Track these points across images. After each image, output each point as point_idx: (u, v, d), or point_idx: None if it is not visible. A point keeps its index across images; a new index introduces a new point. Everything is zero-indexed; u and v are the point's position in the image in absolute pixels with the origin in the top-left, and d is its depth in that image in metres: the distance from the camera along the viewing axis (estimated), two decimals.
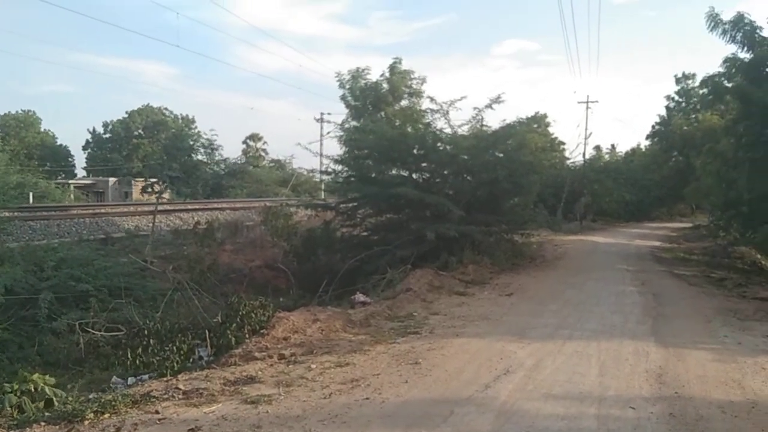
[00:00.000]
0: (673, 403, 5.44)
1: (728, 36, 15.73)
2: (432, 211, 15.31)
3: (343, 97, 31.44)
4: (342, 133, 18.71)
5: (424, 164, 16.82)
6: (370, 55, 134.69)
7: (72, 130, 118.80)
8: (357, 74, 31.07)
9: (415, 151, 16.33)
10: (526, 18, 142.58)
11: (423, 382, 5.98)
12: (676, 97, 44.83)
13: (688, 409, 5.31)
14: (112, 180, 50.26)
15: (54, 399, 5.58)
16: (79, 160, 67.70)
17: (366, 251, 15.00)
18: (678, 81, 44.68)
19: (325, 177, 22.24)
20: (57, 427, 4.78)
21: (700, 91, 38.27)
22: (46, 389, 5.61)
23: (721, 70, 17.00)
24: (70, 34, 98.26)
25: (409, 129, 16.86)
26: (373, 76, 31.33)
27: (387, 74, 31.11)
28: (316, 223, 19.16)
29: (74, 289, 11.71)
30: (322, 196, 27.71)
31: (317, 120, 30.79)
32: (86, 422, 4.80)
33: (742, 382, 6.17)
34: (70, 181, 50.23)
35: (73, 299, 11.50)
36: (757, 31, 15.44)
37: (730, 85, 17.00)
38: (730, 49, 16.01)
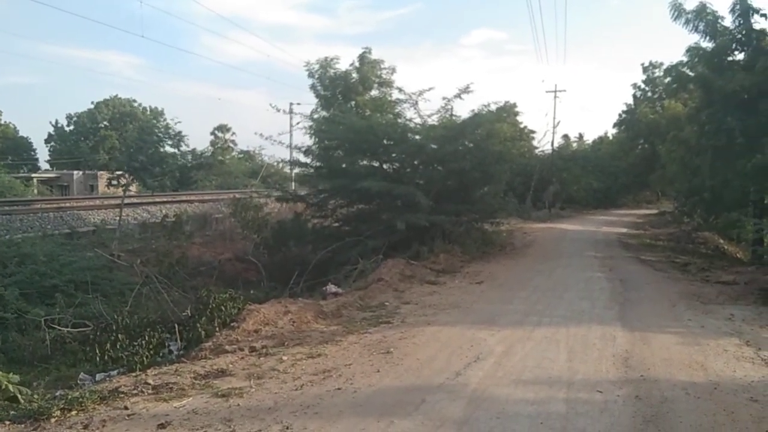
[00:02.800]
0: (639, 386, 5.56)
1: (691, 25, 16.03)
2: (403, 201, 15.35)
3: (312, 87, 31.13)
4: (311, 123, 18.56)
5: (393, 154, 16.82)
6: (340, 44, 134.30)
7: (35, 123, 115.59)
8: (326, 63, 30.77)
9: (385, 142, 16.31)
10: (493, 7, 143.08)
11: (395, 371, 6.00)
12: (643, 86, 45.45)
13: (653, 391, 5.43)
14: (76, 173, 49.18)
15: (19, 397, 5.46)
16: (42, 153, 66.18)
17: (337, 242, 14.98)
18: (645, 69, 45.26)
19: (296, 169, 22.11)
20: (22, 425, 4.68)
21: (665, 80, 38.86)
22: (10, 387, 5.48)
23: (685, 59, 17.35)
24: (31, 25, 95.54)
25: (380, 118, 16.82)
26: (343, 65, 31.09)
27: (357, 64, 30.91)
28: (286, 215, 19.06)
29: (39, 284, 11.50)
30: (293, 188, 27.55)
31: (277, 110, 30.30)
32: (53, 420, 4.71)
33: (705, 364, 6.33)
34: (33, 175, 49.05)
35: (39, 295, 11.30)
36: (719, 20, 15.75)
37: (693, 73, 17.34)
38: (694, 38, 16.33)
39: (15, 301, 10.37)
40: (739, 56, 15.97)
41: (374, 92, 29.83)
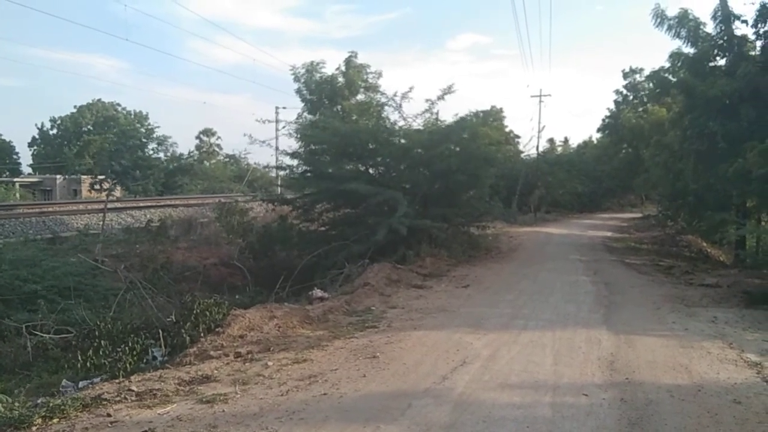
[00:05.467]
0: (624, 389, 5.59)
1: (674, 32, 16.25)
2: (389, 205, 15.33)
3: (298, 91, 31.13)
4: (297, 127, 18.50)
5: (379, 158, 16.81)
6: (327, 48, 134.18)
7: (17, 127, 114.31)
8: (312, 68, 30.80)
9: (370, 146, 16.30)
10: (479, 12, 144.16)
11: (381, 375, 5.98)
12: (624, 92, 45.85)
13: (638, 394, 5.46)
14: (59, 177, 48.66)
15: None
16: (25, 157, 65.36)
17: (323, 246, 14.91)
18: (626, 75, 45.72)
19: (281, 172, 22.05)
20: None
21: (647, 85, 39.25)
22: None
23: (667, 64, 17.57)
24: (12, 27, 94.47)
25: (366, 122, 16.81)
26: (329, 69, 31.12)
27: (343, 68, 30.95)
28: (272, 219, 18.97)
29: (21, 290, 11.34)
30: (279, 192, 27.47)
31: (262, 122, 29.67)
32: (34, 428, 4.65)
33: (689, 367, 6.37)
34: (15, 180, 48.49)
35: (20, 301, 11.15)
36: (701, 27, 15.97)
37: (675, 79, 17.55)
38: (676, 43, 16.54)
39: None
40: (721, 62, 16.20)
41: (360, 96, 29.87)
